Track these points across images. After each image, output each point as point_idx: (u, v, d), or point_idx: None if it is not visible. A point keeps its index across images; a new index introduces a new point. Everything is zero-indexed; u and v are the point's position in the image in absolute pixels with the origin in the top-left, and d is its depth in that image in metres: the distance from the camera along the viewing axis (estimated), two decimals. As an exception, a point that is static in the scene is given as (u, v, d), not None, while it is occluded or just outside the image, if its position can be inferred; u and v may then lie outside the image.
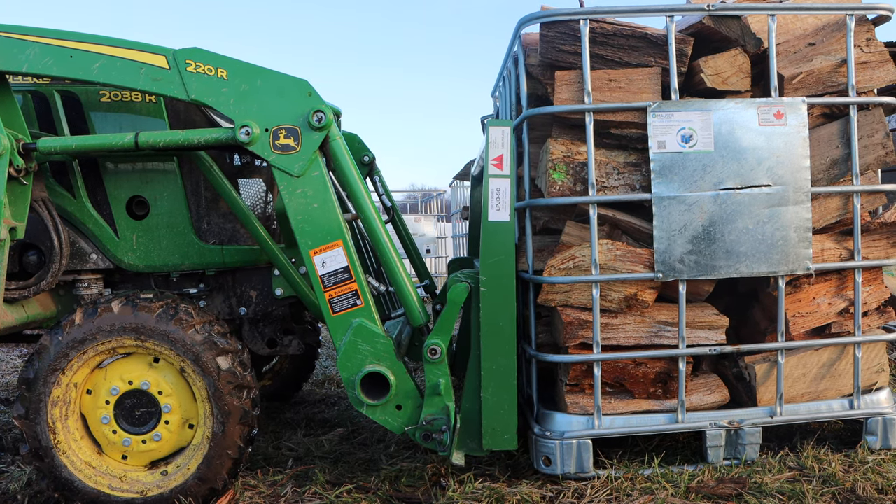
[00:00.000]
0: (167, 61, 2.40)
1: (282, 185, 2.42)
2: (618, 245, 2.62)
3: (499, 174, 2.44)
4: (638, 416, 2.68)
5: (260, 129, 2.39)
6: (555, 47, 2.64)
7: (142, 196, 2.76)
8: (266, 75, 2.41)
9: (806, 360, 2.73)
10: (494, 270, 2.43)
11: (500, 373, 2.46)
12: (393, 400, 2.48)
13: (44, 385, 2.44)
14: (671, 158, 2.56)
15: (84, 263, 2.75)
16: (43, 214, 2.59)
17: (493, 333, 2.45)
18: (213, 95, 2.40)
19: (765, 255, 2.59)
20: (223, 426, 2.49)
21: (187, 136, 2.46)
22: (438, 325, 2.50)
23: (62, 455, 2.48)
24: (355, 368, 2.45)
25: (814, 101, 2.60)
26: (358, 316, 2.46)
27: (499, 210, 2.44)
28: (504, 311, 2.45)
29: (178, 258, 2.79)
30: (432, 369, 2.48)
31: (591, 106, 2.56)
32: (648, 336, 2.65)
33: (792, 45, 2.68)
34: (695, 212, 2.56)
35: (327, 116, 2.37)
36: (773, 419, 2.68)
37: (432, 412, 2.47)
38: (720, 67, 2.60)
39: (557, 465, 2.62)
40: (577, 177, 2.64)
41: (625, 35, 2.61)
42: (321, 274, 2.44)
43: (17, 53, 2.38)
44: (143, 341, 2.46)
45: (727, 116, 2.56)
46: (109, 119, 2.71)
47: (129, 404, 2.53)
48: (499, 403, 2.48)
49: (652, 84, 2.61)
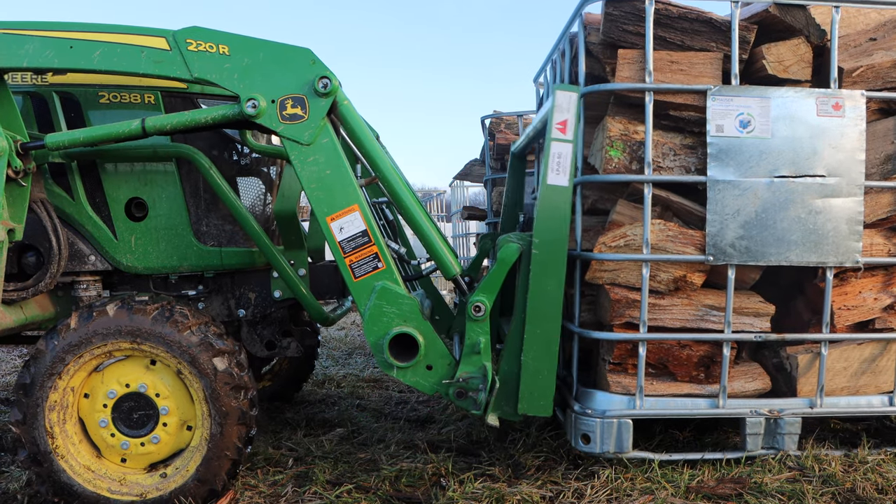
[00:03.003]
0: (167, 42, 2.38)
1: (293, 154, 2.40)
2: (670, 226, 2.62)
3: (562, 138, 2.39)
4: (679, 398, 2.68)
5: (266, 102, 2.38)
6: (618, 26, 2.65)
7: (140, 198, 2.76)
8: (268, 47, 2.40)
9: (848, 354, 2.73)
10: (548, 233, 2.38)
11: (543, 337, 2.41)
12: (423, 360, 2.45)
13: (41, 390, 2.42)
14: (728, 143, 2.57)
15: (83, 265, 2.74)
16: (41, 216, 2.57)
17: (540, 296, 2.39)
18: (217, 72, 2.38)
19: (815, 245, 2.59)
20: (221, 427, 2.47)
21: (194, 117, 2.44)
22: (485, 283, 2.46)
23: (61, 459, 2.46)
24: (382, 331, 2.43)
25: (873, 94, 2.61)
26: (381, 279, 2.43)
27: (558, 174, 2.40)
28: (553, 276, 2.39)
29: (177, 260, 2.79)
30: (474, 327, 2.44)
31: (652, 85, 2.57)
32: (694, 319, 2.66)
33: (853, 40, 2.70)
34: (748, 197, 2.57)
35: (333, 82, 2.36)
36: (813, 410, 2.68)
37: (469, 370, 2.44)
38: (782, 55, 2.62)
39: (597, 444, 2.61)
40: (634, 155, 2.64)
41: (689, 18, 2.62)
42: (340, 240, 2.42)
43: (17, 49, 2.36)
44: (139, 344, 2.44)
45: (786, 105, 2.58)
46: (108, 119, 2.69)
47: (126, 407, 2.52)
48: (539, 368, 2.43)
49: (713, 69, 2.62)
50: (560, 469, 2.75)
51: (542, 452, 2.97)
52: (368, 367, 5.22)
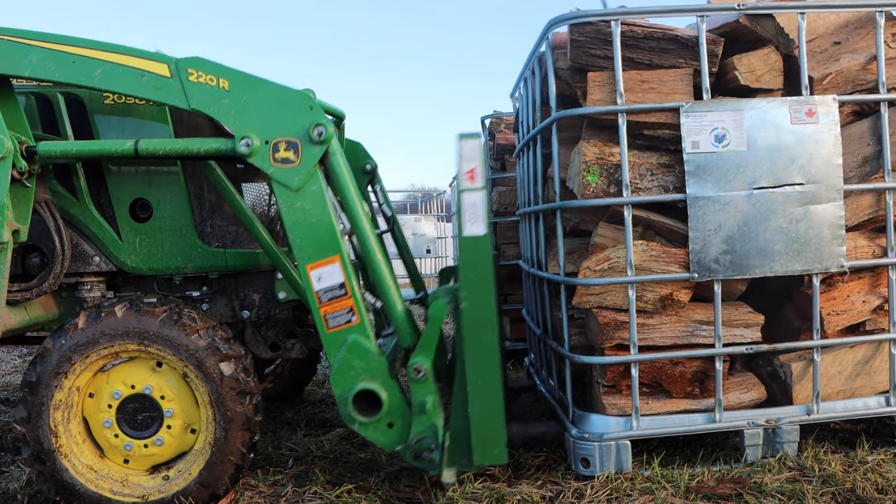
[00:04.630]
0: (169, 70, 2.39)
1: (280, 198, 2.40)
2: (653, 245, 2.62)
3: (472, 187, 2.38)
4: (675, 416, 2.68)
5: (260, 142, 2.38)
6: (585, 51, 2.65)
7: (145, 199, 2.76)
8: (268, 87, 2.40)
9: (841, 358, 2.73)
10: (474, 285, 2.38)
11: (486, 388, 2.41)
12: (385, 418, 2.46)
13: (46, 388, 2.43)
14: (705, 158, 2.57)
15: (87, 266, 2.74)
16: (45, 216, 2.58)
17: (477, 349, 2.40)
18: (214, 106, 2.39)
19: (799, 253, 2.59)
20: (225, 432, 2.48)
21: (187, 146, 2.46)
22: (421, 344, 2.46)
23: (64, 458, 2.46)
24: (348, 385, 2.44)
25: (845, 98, 2.61)
26: (353, 332, 2.44)
27: (474, 224, 2.38)
28: (486, 326, 2.39)
29: (181, 261, 2.78)
30: (418, 388, 2.44)
31: (624, 107, 2.57)
32: (684, 335, 2.66)
33: (817, 45, 2.69)
34: (729, 211, 2.57)
35: (328, 131, 2.36)
36: (811, 417, 2.68)
37: (420, 430, 2.45)
38: (754, 65, 2.61)
39: (596, 467, 2.61)
40: (611, 178, 2.64)
41: (655, 38, 2.61)
42: (317, 289, 2.42)
43: (21, 57, 2.38)
44: (146, 346, 2.45)
45: (759, 115, 2.57)
46: (113, 122, 2.71)
47: (131, 408, 2.53)
48: (486, 418, 2.42)
49: (684, 85, 2.62)
50: (560, 469, 2.74)
51: (542, 452, 2.97)
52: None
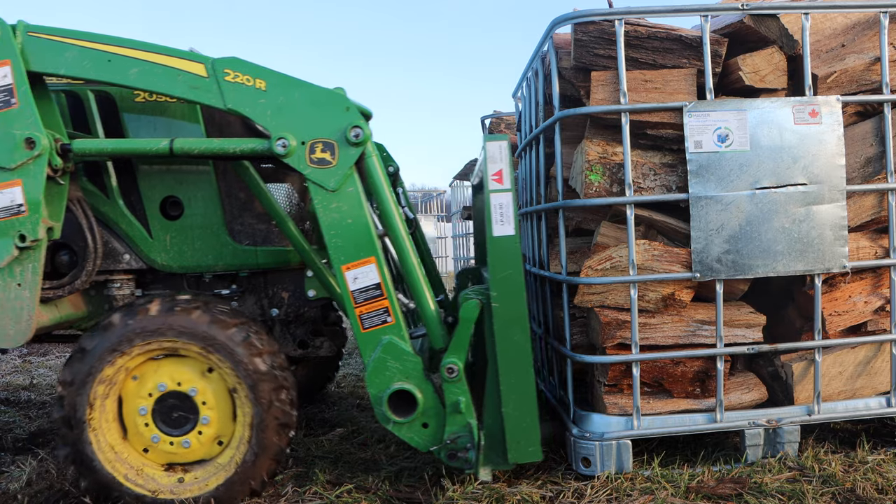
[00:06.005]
0: (206, 69, 2.40)
1: (316, 199, 2.41)
2: (655, 245, 2.62)
3: (500, 188, 2.42)
4: (676, 415, 2.68)
5: (296, 142, 2.39)
6: (588, 51, 2.65)
7: (176, 196, 2.76)
8: (304, 88, 2.41)
9: (842, 359, 2.73)
10: (505, 285, 2.41)
11: (519, 387, 2.44)
12: (420, 418, 2.48)
13: (99, 361, 2.43)
14: (707, 158, 2.57)
15: (117, 264, 2.74)
16: (78, 214, 2.58)
17: (509, 348, 2.42)
18: (251, 106, 2.40)
19: (801, 253, 2.59)
20: (255, 457, 2.48)
21: (223, 146, 2.47)
22: (453, 344, 2.48)
23: (91, 431, 2.46)
24: (383, 385, 2.45)
25: (848, 99, 2.61)
26: (388, 333, 2.46)
27: (503, 224, 2.42)
28: (518, 325, 2.42)
29: (212, 259, 2.79)
30: (451, 388, 2.46)
31: (627, 106, 2.57)
32: (686, 335, 2.66)
33: (823, 45, 2.69)
34: (731, 211, 2.57)
35: (365, 132, 2.37)
36: (812, 418, 2.68)
37: (455, 430, 2.47)
38: (758, 65, 2.61)
39: (597, 467, 2.61)
40: (614, 178, 2.64)
41: (659, 37, 2.61)
42: (353, 290, 2.44)
43: (56, 56, 2.38)
44: (208, 352, 2.46)
45: (763, 116, 2.57)
46: (143, 121, 2.70)
47: (170, 404, 2.52)
48: (521, 416, 2.45)
49: (687, 84, 2.61)
50: (560, 469, 2.75)
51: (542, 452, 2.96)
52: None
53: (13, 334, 2.38)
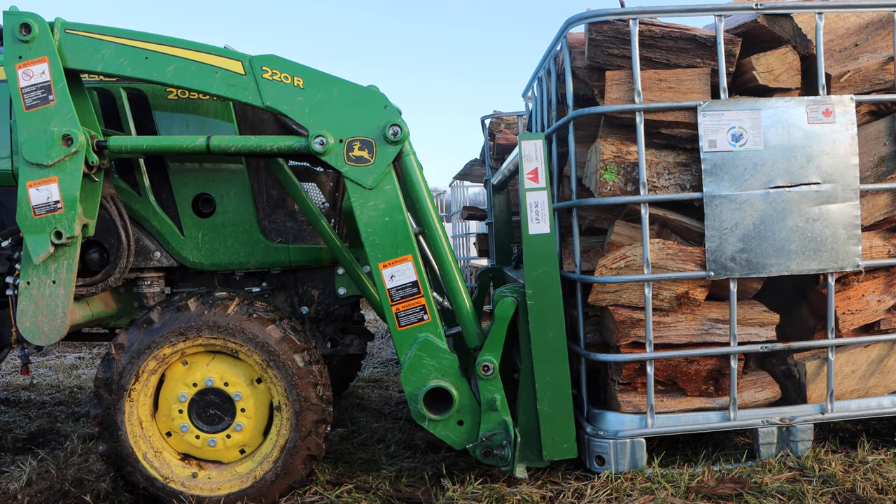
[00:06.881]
0: (243, 67, 2.40)
1: (354, 196, 2.42)
2: (669, 244, 2.63)
3: (535, 187, 2.45)
4: (690, 413, 2.69)
5: (334, 140, 2.40)
6: (603, 50, 2.66)
7: (208, 194, 2.76)
8: (343, 86, 2.42)
9: (855, 357, 2.74)
10: (540, 282, 2.44)
11: (554, 383, 2.47)
12: (455, 416, 2.50)
13: (162, 338, 2.45)
14: (722, 157, 2.58)
15: (148, 261, 2.75)
16: (111, 211, 2.59)
17: (543, 345, 2.45)
18: (288, 104, 2.40)
19: (815, 252, 2.60)
20: (276, 478, 2.50)
21: (260, 143, 2.46)
22: (489, 342, 2.50)
23: (129, 402, 2.47)
24: (419, 383, 2.47)
25: (862, 98, 2.62)
26: (424, 331, 2.47)
27: (538, 223, 2.45)
28: (552, 323, 2.45)
29: (244, 256, 2.79)
30: (486, 385, 2.48)
31: (641, 106, 2.57)
32: (700, 334, 2.66)
33: (836, 44, 2.70)
34: (745, 210, 2.58)
35: (403, 130, 2.38)
36: (825, 416, 2.69)
37: (490, 427, 2.48)
38: (772, 65, 2.62)
39: (612, 465, 2.62)
40: (628, 177, 2.65)
41: (673, 37, 2.62)
42: (389, 287, 2.45)
43: (93, 53, 2.39)
44: (267, 365, 2.47)
45: (777, 115, 2.58)
46: (176, 119, 2.71)
47: (209, 400, 2.53)
48: (556, 413, 2.49)
49: (701, 84, 2.62)
50: (560, 469, 2.75)
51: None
52: (368, 367, 5.24)
53: (48, 331, 2.39)
